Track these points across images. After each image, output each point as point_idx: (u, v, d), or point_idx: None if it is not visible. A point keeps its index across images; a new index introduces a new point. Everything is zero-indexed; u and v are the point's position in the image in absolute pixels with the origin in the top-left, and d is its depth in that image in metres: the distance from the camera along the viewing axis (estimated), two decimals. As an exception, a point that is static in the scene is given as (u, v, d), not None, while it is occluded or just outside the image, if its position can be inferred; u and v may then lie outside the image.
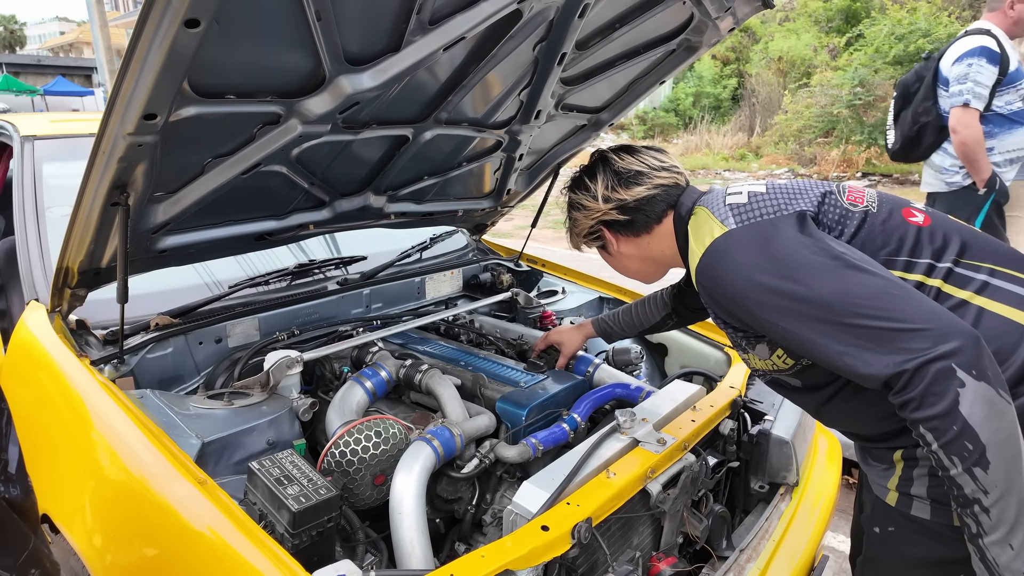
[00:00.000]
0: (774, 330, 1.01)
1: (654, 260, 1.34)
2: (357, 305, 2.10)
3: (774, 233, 1.02)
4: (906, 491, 1.07)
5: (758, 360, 1.19)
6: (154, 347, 1.60)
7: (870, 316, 0.91)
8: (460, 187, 2.28)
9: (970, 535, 0.90)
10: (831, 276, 0.95)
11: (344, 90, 1.32)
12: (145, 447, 1.17)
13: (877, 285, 0.94)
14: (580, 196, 1.34)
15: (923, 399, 0.86)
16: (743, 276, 1.01)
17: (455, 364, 1.76)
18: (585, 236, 1.37)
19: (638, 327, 1.76)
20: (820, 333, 0.95)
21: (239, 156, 1.40)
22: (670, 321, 1.74)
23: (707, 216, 1.13)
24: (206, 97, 1.16)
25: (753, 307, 1.01)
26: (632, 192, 1.27)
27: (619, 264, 1.41)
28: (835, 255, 0.98)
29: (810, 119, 13.71)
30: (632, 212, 1.28)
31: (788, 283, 0.97)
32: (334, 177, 1.78)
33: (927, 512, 1.05)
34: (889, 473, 1.10)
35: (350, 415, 1.50)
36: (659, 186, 1.26)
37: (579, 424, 1.54)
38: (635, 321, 1.76)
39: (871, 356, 0.90)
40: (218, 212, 1.62)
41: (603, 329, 1.80)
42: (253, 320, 1.80)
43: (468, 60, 1.54)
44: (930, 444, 0.88)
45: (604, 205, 1.29)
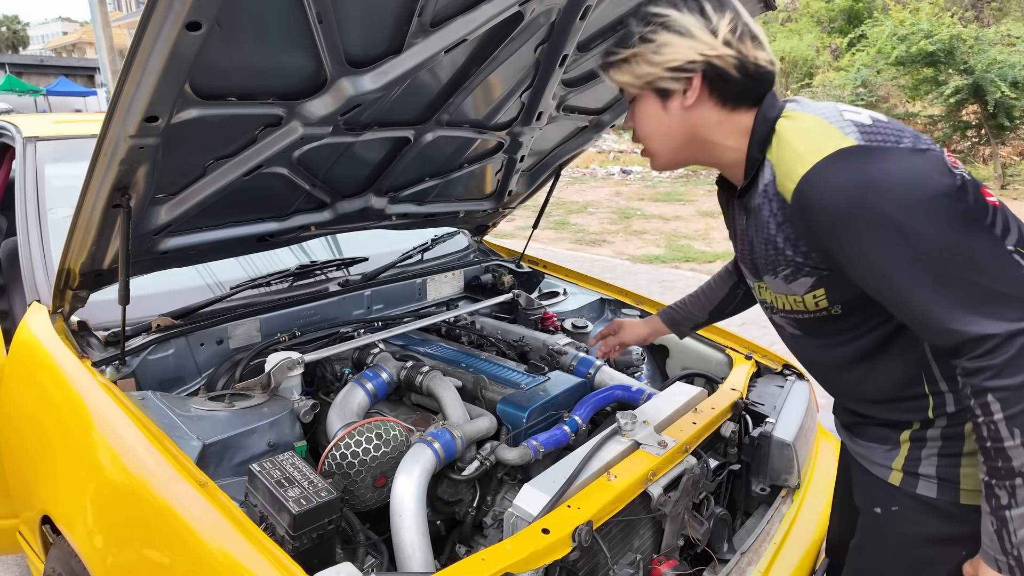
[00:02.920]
0: (859, 262, 0.93)
1: (702, 144, 1.07)
2: (358, 306, 2.10)
3: (912, 165, 0.91)
4: (913, 471, 1.06)
5: (783, 296, 1.08)
6: (155, 348, 1.60)
7: (981, 274, 0.87)
8: (461, 188, 2.28)
9: (996, 507, 0.90)
10: (959, 225, 0.89)
11: (346, 92, 1.32)
12: (146, 448, 1.17)
13: (995, 246, 0.90)
14: (690, 18, 1.00)
15: (1003, 368, 0.85)
16: (865, 197, 0.90)
17: (456, 366, 1.76)
18: (668, 69, 1.01)
19: (706, 306, 1.62)
20: (916, 278, 0.88)
21: (241, 158, 1.40)
22: (738, 291, 1.57)
23: (820, 124, 0.96)
24: (208, 99, 1.17)
25: (858, 232, 0.91)
26: (756, 54, 1.00)
27: (656, 127, 1.08)
28: (966, 203, 0.90)
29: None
30: (742, 75, 1.00)
31: (912, 219, 0.88)
32: (336, 178, 1.78)
33: (933, 491, 1.05)
34: (893, 454, 1.09)
35: (351, 417, 1.49)
36: (772, 65, 1.03)
37: (580, 426, 1.54)
38: (701, 300, 1.63)
39: (962, 313, 0.87)
40: (220, 214, 1.62)
41: (669, 318, 1.68)
42: (254, 321, 1.80)
43: (469, 62, 1.54)
44: (992, 415, 0.87)
45: (722, 47, 0.99)
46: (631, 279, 5.54)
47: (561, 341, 1.94)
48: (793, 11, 20.77)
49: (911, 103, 13.52)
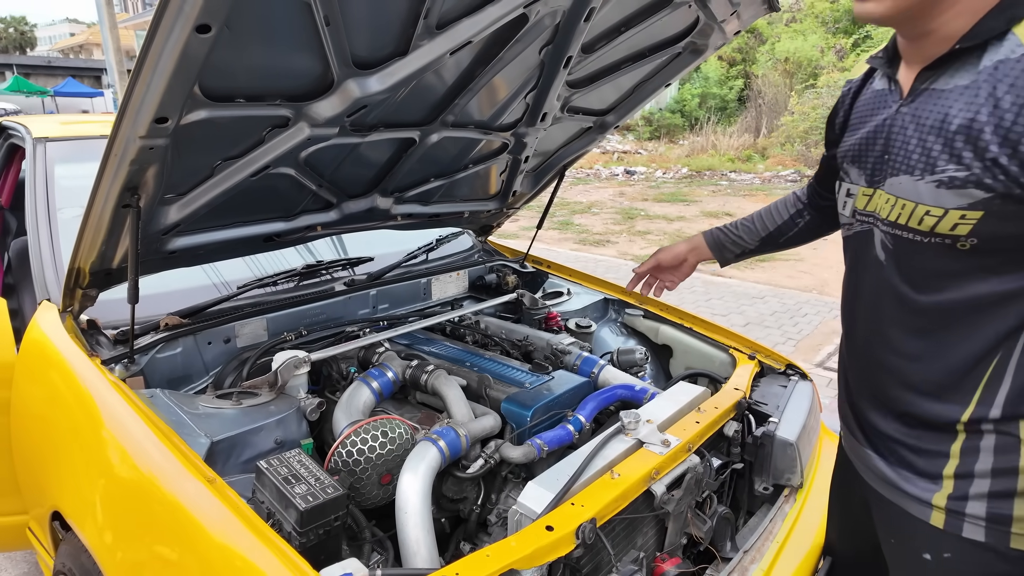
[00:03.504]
0: None
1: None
2: (364, 306, 2.12)
3: None
4: (958, 510, 0.97)
5: (912, 204, 0.93)
6: (164, 347, 1.62)
7: None
8: (466, 189, 2.29)
9: None
10: None
11: (352, 94, 1.33)
12: (155, 445, 1.19)
13: None
14: None
15: None
16: None
17: (461, 365, 1.77)
18: None
19: (758, 232, 1.50)
20: None
21: (248, 159, 1.42)
22: (799, 220, 1.45)
23: None
24: (216, 101, 1.18)
25: None
26: None
27: None
28: None
29: (817, 120, 13.66)
30: None
31: None
32: (342, 179, 1.80)
33: (981, 534, 0.96)
34: (933, 488, 0.99)
35: (356, 415, 1.51)
36: None
37: (584, 425, 1.55)
38: (754, 225, 1.51)
39: None
40: (228, 214, 1.64)
41: (714, 240, 1.57)
42: (261, 320, 1.82)
43: (475, 63, 1.55)
44: None
45: None
46: (635, 279, 5.55)
47: (565, 341, 1.95)
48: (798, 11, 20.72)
49: (916, 103, 13.44)
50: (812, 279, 5.55)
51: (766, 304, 4.64)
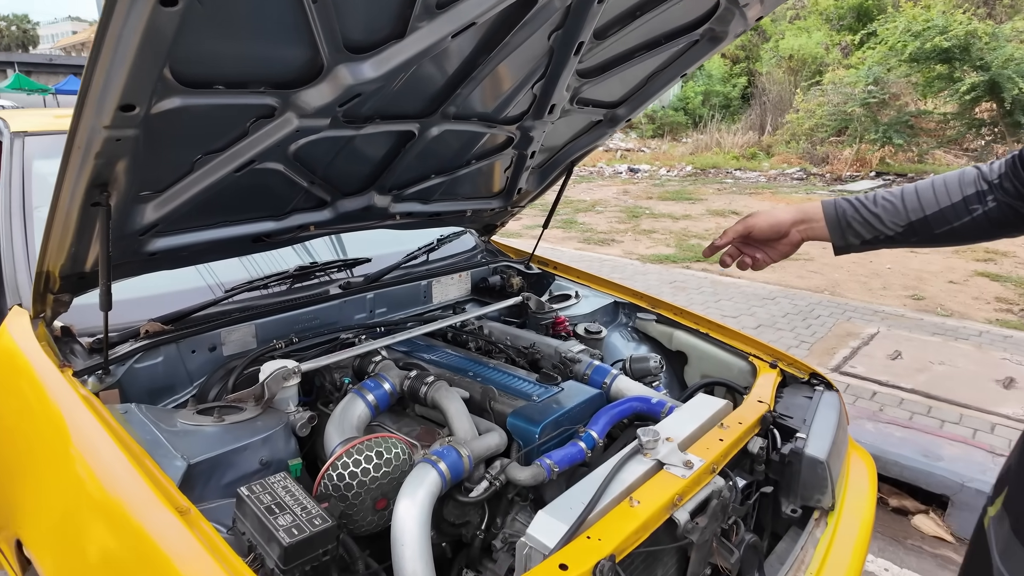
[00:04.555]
0: None
1: None
2: (360, 310, 2.00)
3: None
4: None
5: None
6: (143, 356, 1.50)
7: None
8: (469, 186, 2.17)
9: None
10: None
11: (344, 81, 1.21)
12: (124, 469, 1.07)
13: None
14: None
15: None
16: None
17: (463, 374, 1.65)
18: None
19: (907, 214, 1.10)
20: None
21: (231, 152, 1.30)
22: (977, 207, 1.05)
23: None
24: (192, 87, 1.06)
25: None
26: None
27: None
28: None
29: (822, 118, 13.53)
30: None
31: None
32: (336, 175, 1.68)
33: None
34: None
35: (350, 431, 1.39)
36: None
37: (596, 442, 1.43)
38: (904, 205, 1.10)
39: None
40: (212, 212, 1.52)
41: (839, 215, 1.15)
42: (250, 327, 1.70)
43: (478, 50, 1.43)
44: None
45: None
46: (641, 279, 5.42)
47: (574, 348, 1.83)
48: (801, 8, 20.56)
49: (923, 101, 13.33)
50: (823, 279, 5.42)
51: (777, 305, 4.51)
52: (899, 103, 12.65)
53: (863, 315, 4.25)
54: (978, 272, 5.60)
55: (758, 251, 1.28)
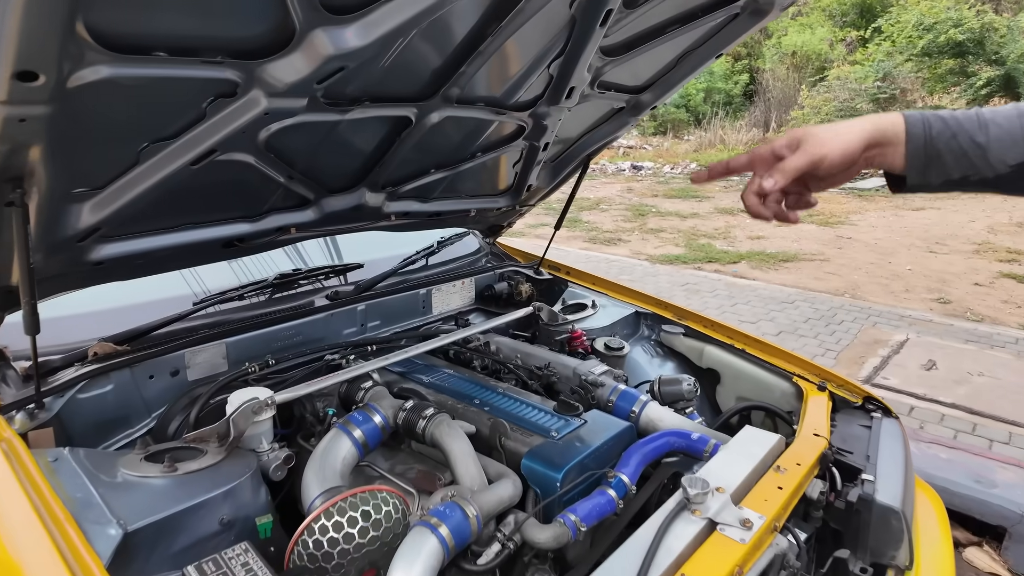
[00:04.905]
0: None
1: None
2: (350, 324, 1.76)
3: None
4: None
5: None
6: (89, 384, 1.26)
7: None
8: (473, 182, 1.93)
9: None
10: None
11: (322, 50, 0.97)
12: (37, 545, 0.83)
13: None
14: None
15: None
16: None
17: (468, 402, 1.42)
18: None
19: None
20: None
21: (186, 140, 1.06)
22: None
23: None
24: (123, 52, 0.82)
25: None
26: None
27: None
28: None
29: (829, 114, 13.31)
30: None
31: None
32: (319, 169, 1.44)
33: None
34: None
35: (333, 478, 1.15)
36: None
37: (628, 488, 1.19)
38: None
39: None
40: (171, 213, 1.28)
41: (927, 141, 0.82)
42: (219, 346, 1.46)
43: (487, 18, 1.19)
44: None
45: None
46: (651, 281, 5.18)
47: (596, 369, 1.59)
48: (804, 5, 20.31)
49: (931, 96, 13.10)
50: (841, 281, 5.18)
51: (797, 310, 4.27)
52: (910, 99, 12.43)
53: (889, 320, 4.02)
54: (1003, 273, 5.37)
55: (806, 189, 0.90)
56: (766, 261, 5.87)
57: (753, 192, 0.88)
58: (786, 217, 0.90)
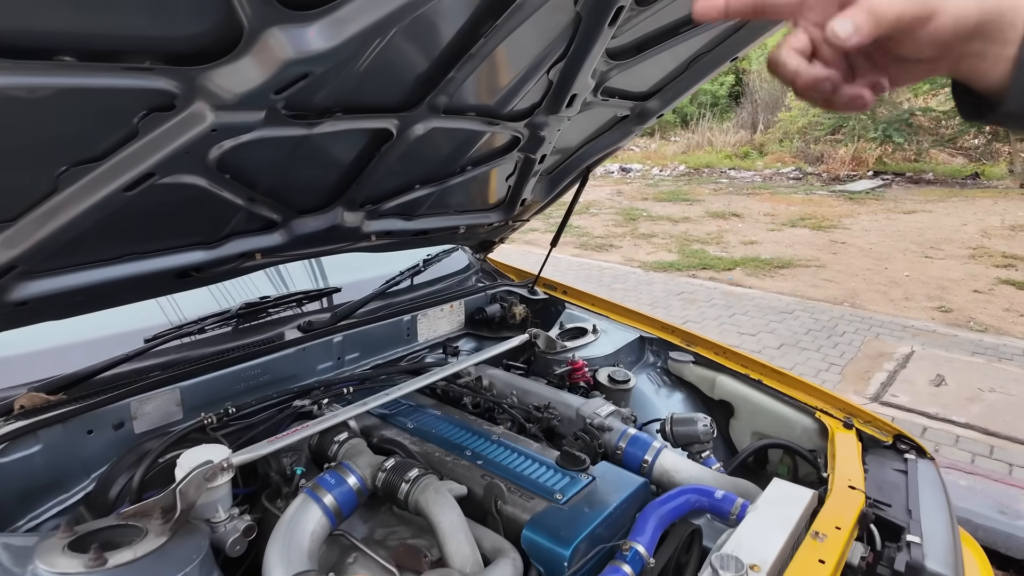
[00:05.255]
0: None
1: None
2: (326, 357, 1.57)
3: None
4: None
5: None
6: (10, 447, 1.07)
7: None
8: (462, 197, 1.76)
9: None
10: None
11: (279, 53, 0.80)
12: None
13: None
14: None
15: None
16: None
17: (459, 453, 1.24)
18: None
19: None
20: None
21: (114, 163, 0.88)
22: None
23: None
24: (14, 56, 0.64)
25: None
26: None
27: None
28: None
29: (816, 115, 13.28)
30: None
31: None
32: (286, 189, 1.26)
33: None
34: None
35: (299, 560, 0.97)
36: None
37: (646, 563, 1.02)
38: None
39: None
40: (112, 243, 1.10)
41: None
42: (173, 392, 1.27)
43: (480, 16, 1.02)
44: None
45: None
46: (646, 290, 5.03)
47: (602, 410, 1.42)
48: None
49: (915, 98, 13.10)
50: (839, 289, 5.06)
51: (797, 320, 4.14)
52: (897, 99, 12.42)
53: (892, 331, 3.89)
54: (1002, 280, 5.28)
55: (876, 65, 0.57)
56: (761, 268, 5.75)
57: (798, 48, 0.53)
58: (857, 97, 0.55)
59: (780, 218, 8.32)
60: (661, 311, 4.36)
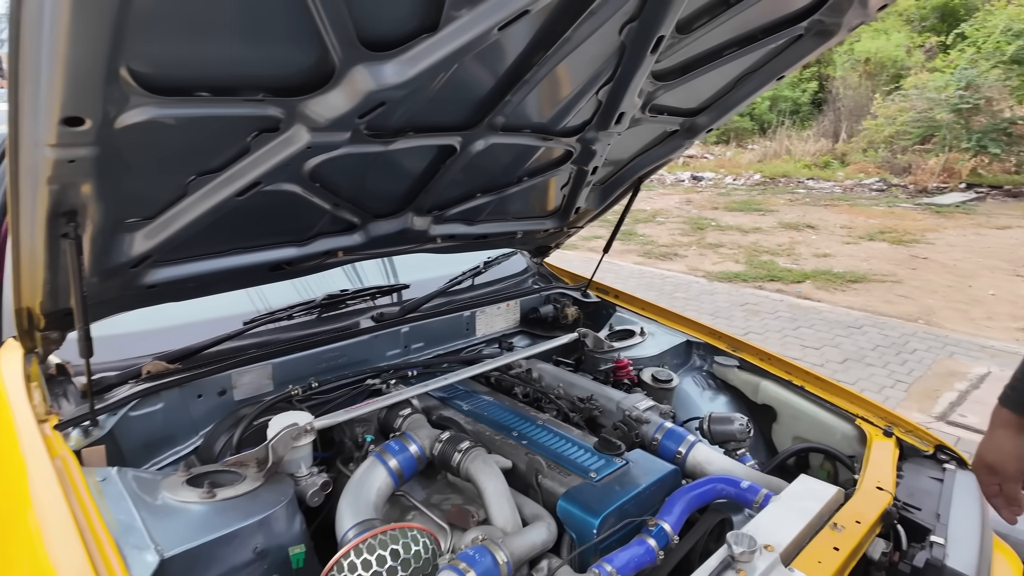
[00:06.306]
0: None
1: None
2: (394, 345, 1.76)
3: None
4: None
5: None
6: (141, 402, 1.30)
7: None
8: (520, 204, 1.91)
9: None
10: None
11: (362, 86, 0.97)
12: (80, 569, 0.85)
13: None
14: None
15: None
16: None
17: (506, 434, 1.39)
18: None
19: None
20: None
21: (231, 173, 1.08)
22: None
23: None
24: (163, 94, 0.84)
25: None
26: None
27: None
28: None
29: (904, 124, 12.60)
30: None
31: None
32: (365, 196, 1.45)
33: None
34: None
35: (366, 510, 1.14)
36: None
37: (670, 539, 1.13)
38: None
39: None
40: (219, 239, 1.32)
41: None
42: (266, 367, 1.49)
43: (533, 46, 1.16)
44: None
45: None
46: (708, 300, 5.01)
47: (642, 404, 1.52)
48: (881, 9, 19.36)
49: (1020, 105, 12.20)
50: (914, 306, 4.86)
51: (865, 336, 4.03)
52: (996, 108, 11.62)
53: (968, 350, 3.73)
54: (1100, 301, 4.91)
55: None
56: (833, 281, 5.59)
57: None
58: None
59: (857, 231, 8.00)
60: (723, 322, 4.35)
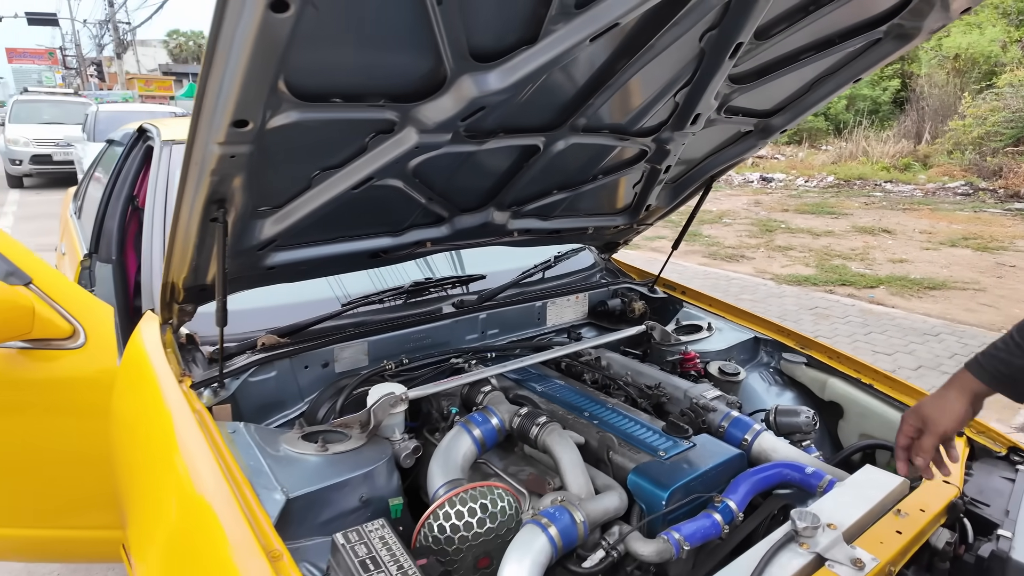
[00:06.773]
0: None
1: None
2: (472, 330, 1.90)
3: None
4: None
5: None
6: (257, 370, 1.48)
7: None
8: (592, 202, 2.00)
9: None
10: None
11: (467, 93, 1.10)
12: (224, 500, 1.02)
13: None
14: None
15: None
16: None
17: (578, 414, 1.49)
18: None
19: None
20: None
21: (350, 169, 1.23)
22: None
23: None
24: (307, 100, 0.99)
25: None
26: None
27: None
28: None
29: (996, 125, 11.85)
30: None
31: None
32: (454, 191, 1.58)
33: None
34: None
35: (454, 471, 1.28)
36: None
37: (735, 515, 1.20)
38: None
39: None
40: (329, 228, 1.48)
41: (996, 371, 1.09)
42: (362, 344, 1.65)
43: (617, 54, 1.26)
44: None
45: None
46: (776, 303, 4.94)
47: (708, 393, 1.60)
48: (974, 1, 18.18)
49: None
50: (998, 315, 4.63)
51: (942, 344, 3.89)
52: (1101, 106, 10.77)
53: (1056, 362, 3.54)
54: None
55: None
56: (909, 287, 5.38)
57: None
58: None
59: (938, 236, 7.63)
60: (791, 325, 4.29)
